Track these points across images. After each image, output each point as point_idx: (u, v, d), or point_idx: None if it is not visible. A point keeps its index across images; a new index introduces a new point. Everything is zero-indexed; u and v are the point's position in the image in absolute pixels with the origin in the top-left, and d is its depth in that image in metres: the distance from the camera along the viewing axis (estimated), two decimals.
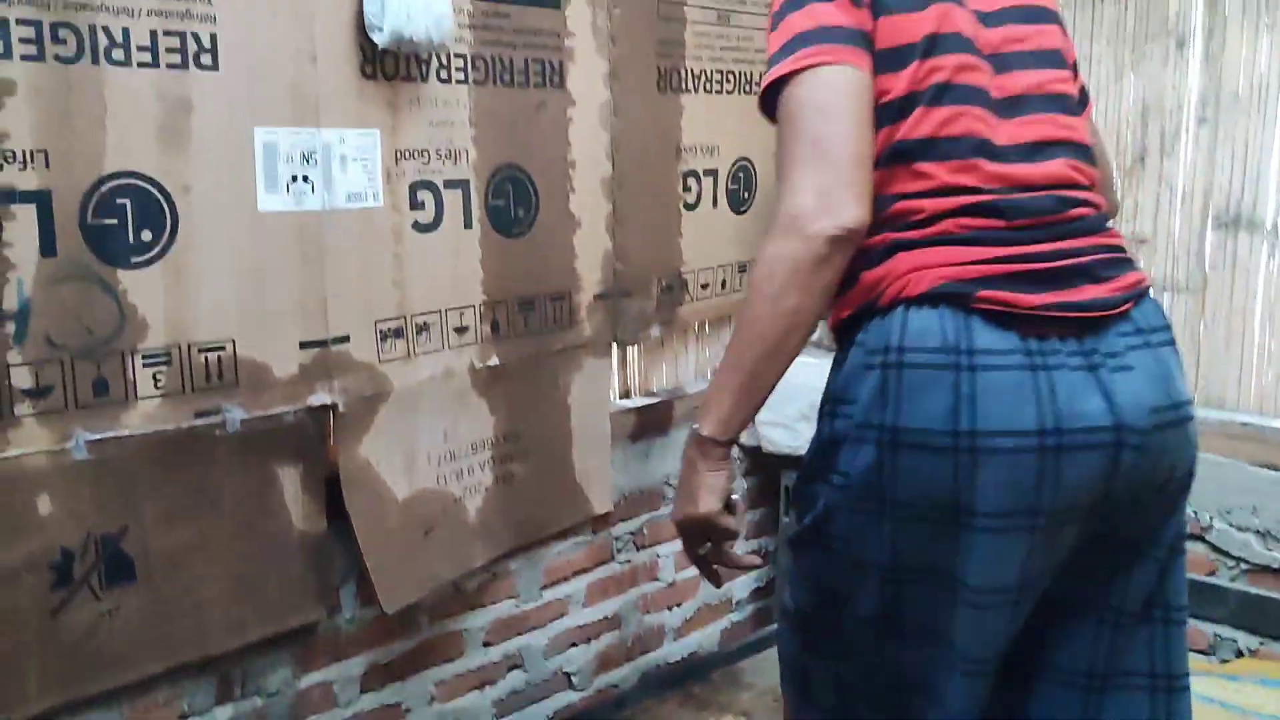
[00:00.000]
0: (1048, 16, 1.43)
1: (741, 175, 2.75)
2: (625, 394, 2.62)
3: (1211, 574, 2.38)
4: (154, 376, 1.64)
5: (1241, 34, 2.37)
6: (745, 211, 2.79)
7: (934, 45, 1.32)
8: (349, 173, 1.84)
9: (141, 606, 1.66)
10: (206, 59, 1.64)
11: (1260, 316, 2.42)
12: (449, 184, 2.02)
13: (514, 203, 2.15)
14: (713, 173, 2.65)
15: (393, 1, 1.77)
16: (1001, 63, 1.36)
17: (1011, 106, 1.34)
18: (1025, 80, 1.37)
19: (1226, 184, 2.42)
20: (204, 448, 1.70)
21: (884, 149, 1.31)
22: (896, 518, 1.26)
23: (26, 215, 1.50)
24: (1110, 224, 1.39)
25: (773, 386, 1.35)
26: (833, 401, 1.34)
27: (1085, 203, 1.35)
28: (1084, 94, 1.51)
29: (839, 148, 1.26)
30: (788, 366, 1.33)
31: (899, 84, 1.31)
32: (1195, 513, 2.41)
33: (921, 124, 1.31)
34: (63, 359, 1.55)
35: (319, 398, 1.82)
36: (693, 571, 2.25)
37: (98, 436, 1.58)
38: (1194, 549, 2.42)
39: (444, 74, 1.99)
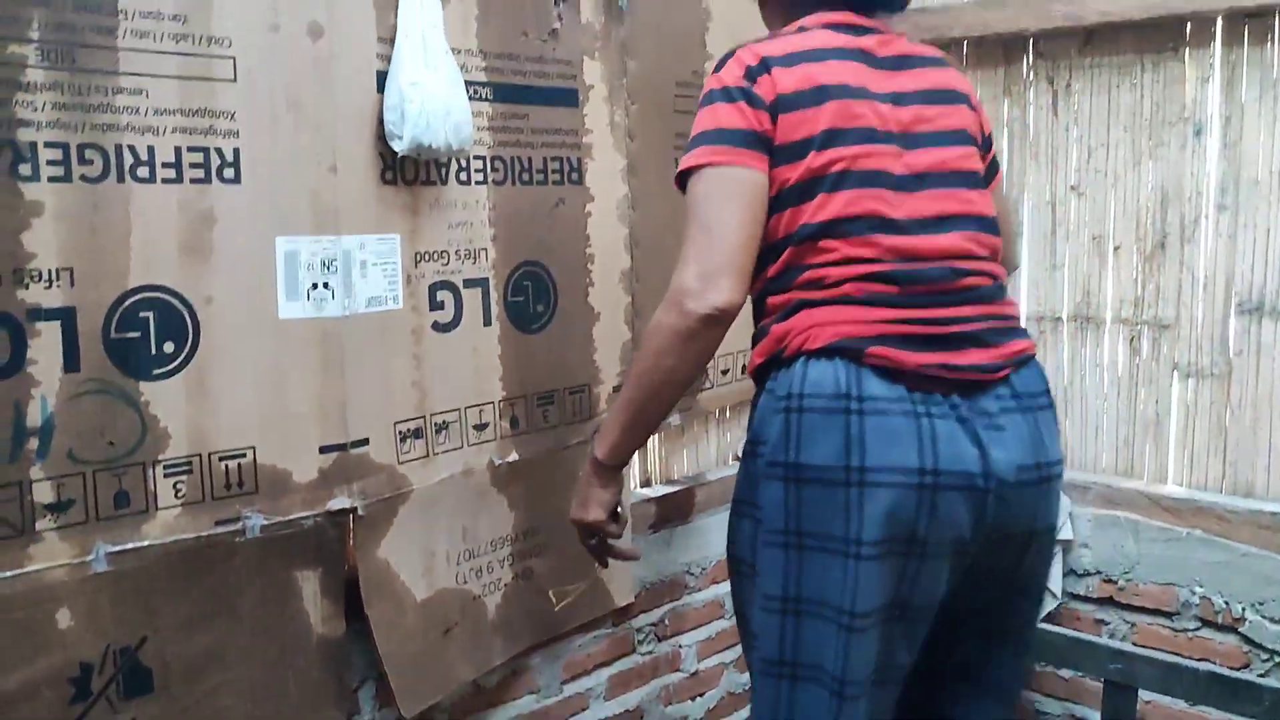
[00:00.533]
0: (957, 98, 1.62)
1: None
2: (645, 482, 2.62)
3: (1244, 667, 2.32)
4: (175, 486, 1.65)
5: (1259, 121, 2.36)
6: None
7: (832, 138, 1.51)
8: (369, 278, 1.85)
9: (159, 717, 1.65)
10: (229, 172, 1.67)
11: None
12: (468, 283, 2.04)
13: (533, 299, 2.16)
14: None
15: (412, 111, 1.80)
16: (910, 141, 1.55)
17: (916, 182, 1.53)
18: (930, 158, 1.55)
19: (1249, 271, 2.40)
20: (223, 554, 1.70)
21: (793, 229, 1.52)
22: (802, 547, 1.43)
23: (51, 333, 1.52)
24: (1005, 293, 1.59)
25: (655, 426, 1.69)
26: (751, 442, 1.55)
27: (980, 273, 1.53)
28: (993, 165, 1.71)
29: (721, 237, 1.48)
30: (668, 411, 1.62)
31: (796, 173, 1.50)
32: (1227, 603, 2.37)
33: (825, 208, 1.50)
34: (84, 473, 1.56)
35: (338, 502, 1.82)
36: (716, 660, 2.70)
37: (118, 548, 1.59)
38: (1226, 641, 2.37)
39: (463, 176, 2.01)
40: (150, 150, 1.59)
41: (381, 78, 1.85)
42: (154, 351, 1.62)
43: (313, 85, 1.75)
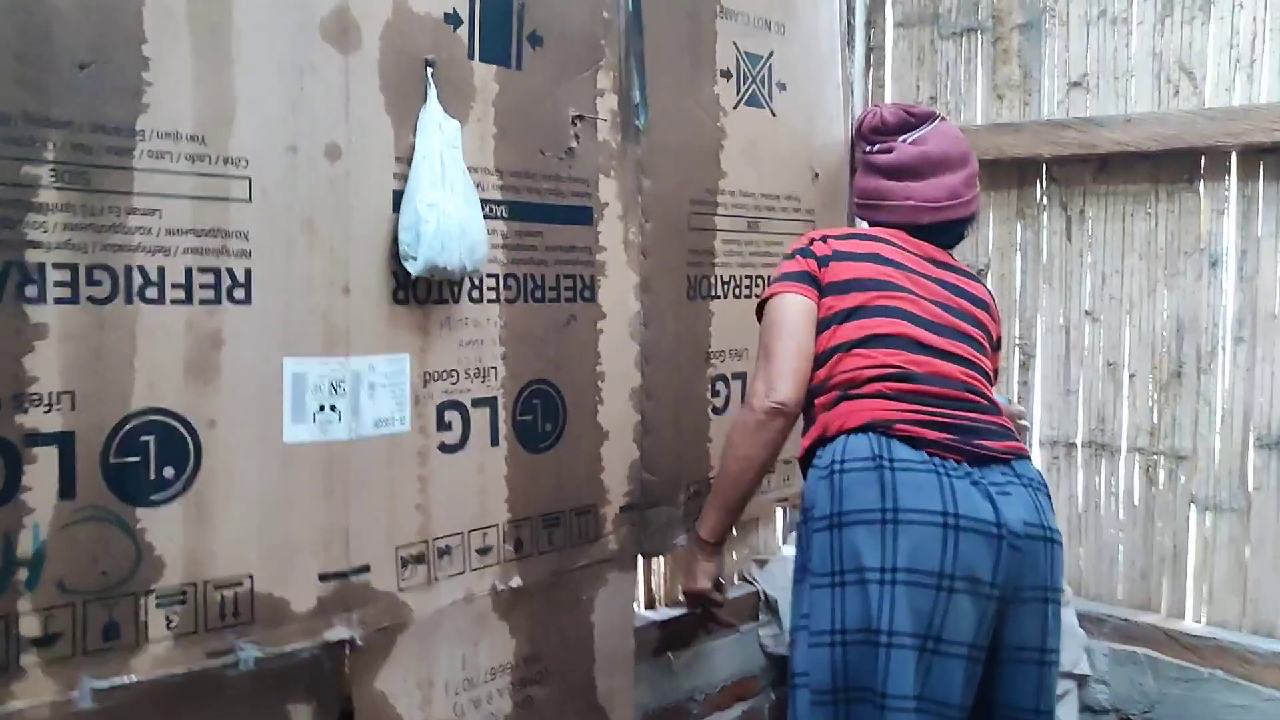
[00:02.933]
0: (981, 302, 2.00)
1: None
2: (649, 604, 2.54)
3: None
4: (167, 617, 1.58)
5: (1275, 255, 2.35)
6: None
7: (870, 283, 1.91)
8: (377, 400, 1.81)
9: None
10: (240, 293, 1.64)
11: None
12: (477, 402, 1.99)
13: (542, 417, 2.11)
14: (741, 375, 2.62)
15: (428, 231, 1.77)
16: (937, 304, 1.92)
17: (938, 326, 1.89)
18: (950, 318, 1.92)
19: (1267, 405, 2.37)
20: (214, 687, 1.63)
21: (839, 341, 1.89)
22: (844, 584, 1.67)
23: (48, 458, 1.47)
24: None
25: (743, 504, 2.06)
26: (803, 511, 1.82)
27: (982, 394, 1.85)
28: (997, 344, 2.06)
29: (781, 355, 1.92)
30: (751, 491, 2.02)
31: (845, 302, 1.91)
32: None
33: (863, 327, 1.88)
34: (74, 603, 1.49)
35: (337, 632, 1.75)
36: None
37: (105, 684, 1.51)
38: None
39: (475, 294, 1.98)
40: (160, 271, 1.56)
41: (397, 197, 1.83)
42: (153, 476, 1.57)
43: (328, 206, 1.73)
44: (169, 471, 1.58)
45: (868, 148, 2.08)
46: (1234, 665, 2.31)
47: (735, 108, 2.54)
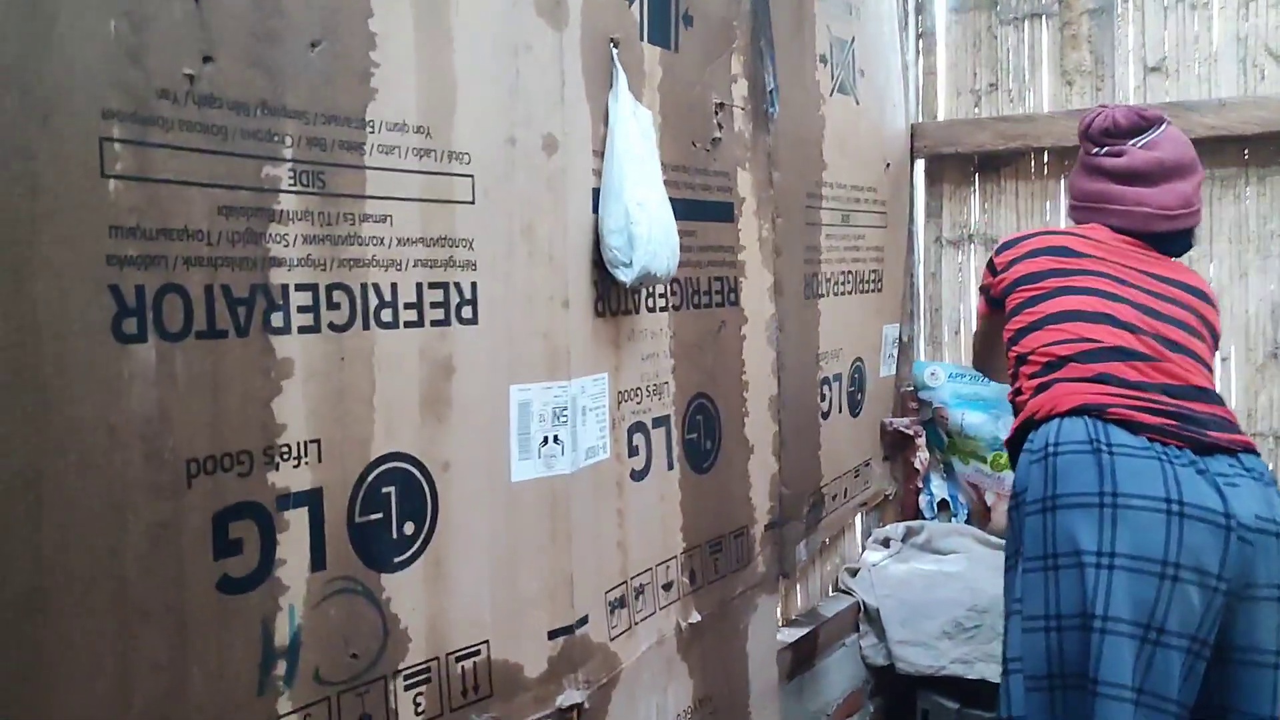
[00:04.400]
0: (1203, 295, 1.88)
1: (857, 376, 2.60)
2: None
3: None
4: (414, 700, 1.33)
5: None
6: (859, 414, 2.64)
7: (1065, 271, 1.88)
8: (588, 426, 1.59)
9: None
10: (467, 311, 1.40)
11: None
12: (656, 422, 1.80)
13: (704, 435, 1.93)
14: (839, 377, 2.50)
15: (640, 234, 1.57)
16: (1143, 290, 1.84)
17: (1150, 312, 1.80)
18: (1161, 304, 1.84)
19: None
20: None
21: (1035, 319, 1.86)
22: (1058, 567, 1.59)
23: (299, 523, 1.20)
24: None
25: None
26: (1015, 496, 1.73)
27: (1203, 383, 1.75)
28: (1217, 336, 1.91)
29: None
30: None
31: (1037, 289, 1.90)
32: None
33: (1061, 304, 1.85)
34: (329, 697, 1.23)
35: (568, 697, 1.53)
36: None
37: None
38: None
39: (650, 302, 1.78)
40: (394, 289, 1.31)
41: (595, 196, 1.61)
42: (395, 535, 1.31)
43: (547, 208, 1.50)
44: (409, 527, 1.33)
45: (1095, 149, 1.95)
46: None
47: (830, 95, 2.40)
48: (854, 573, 2.67)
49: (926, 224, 2.92)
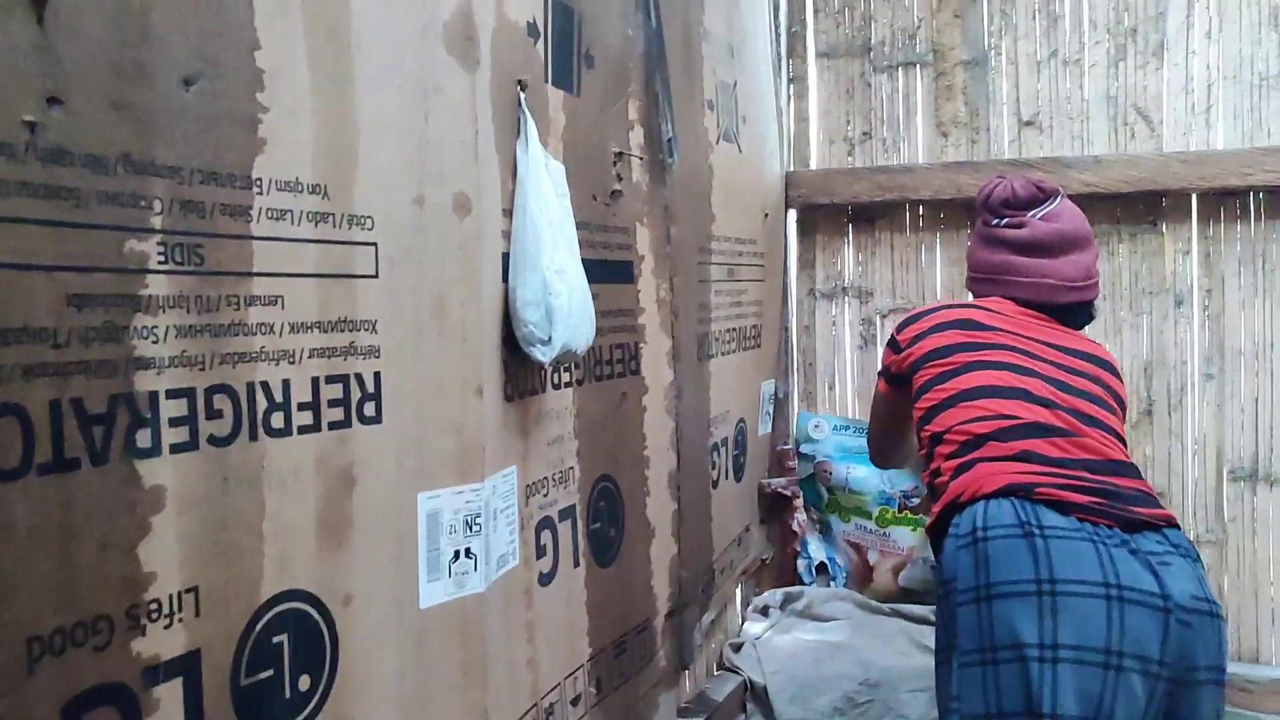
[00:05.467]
0: (1107, 365, 1.82)
1: (740, 438, 2.46)
2: None
3: None
4: None
5: (1240, 294, 2.43)
6: (742, 478, 2.49)
7: (974, 345, 1.78)
8: (499, 531, 1.36)
9: None
10: (370, 408, 1.15)
11: None
12: (562, 515, 1.59)
13: (608, 521, 1.73)
14: (726, 441, 2.34)
15: (559, 306, 1.36)
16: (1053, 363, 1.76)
17: (1061, 386, 1.72)
18: (1072, 377, 1.76)
19: (1238, 439, 2.44)
20: None
21: (946, 396, 1.74)
22: (997, 662, 1.48)
23: (172, 700, 0.93)
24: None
25: None
26: (944, 585, 1.60)
27: (1121, 457, 1.67)
28: (1124, 406, 1.85)
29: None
30: None
31: (946, 365, 1.78)
32: None
33: (973, 379, 1.74)
34: None
35: None
36: None
37: None
38: None
39: (555, 379, 1.57)
40: (285, 387, 1.05)
41: (505, 261, 1.39)
42: (288, 694, 1.05)
43: (459, 278, 1.27)
44: (304, 682, 1.07)
45: (995, 220, 1.89)
46: (1234, 695, 2.34)
47: (717, 143, 2.26)
48: (738, 648, 2.51)
49: (800, 275, 2.82)
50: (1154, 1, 2.46)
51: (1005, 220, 1.87)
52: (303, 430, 1.07)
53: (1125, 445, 1.74)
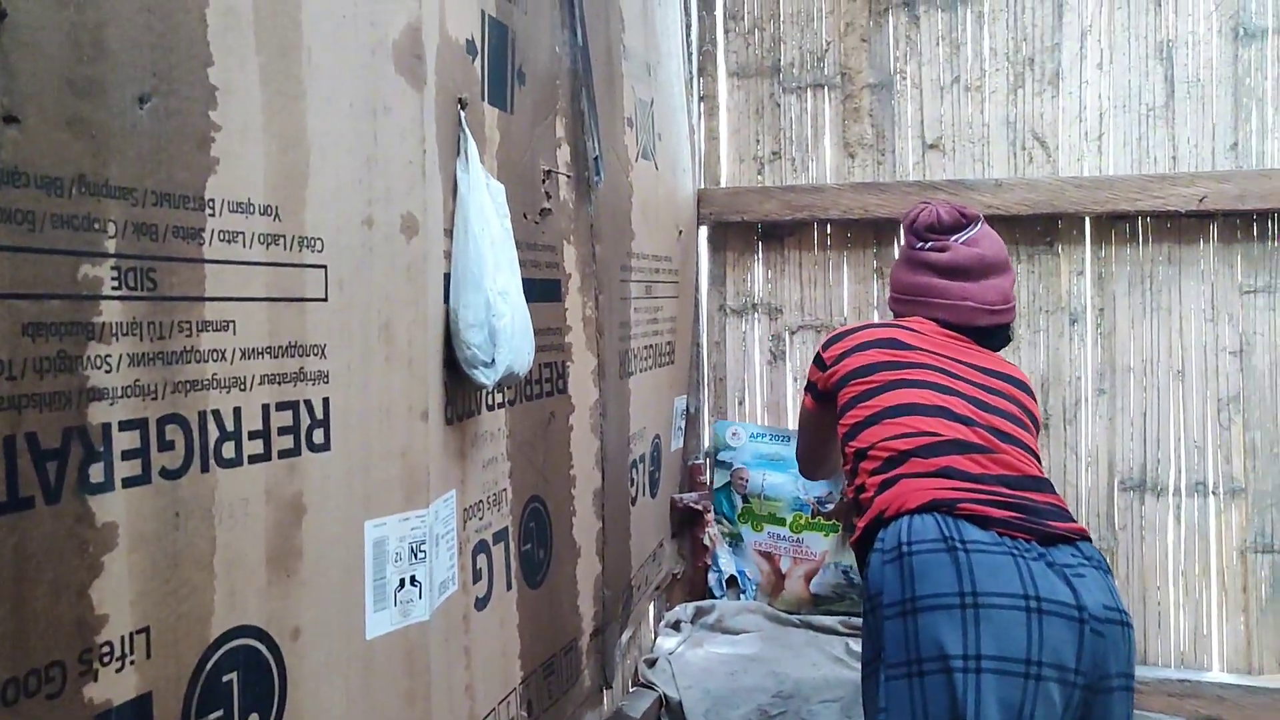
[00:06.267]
0: (1018, 384, 1.90)
1: (655, 454, 2.47)
2: None
3: None
4: None
5: (1129, 313, 2.55)
6: (657, 494, 2.50)
7: (896, 364, 1.84)
8: (440, 557, 1.34)
9: None
10: (319, 435, 1.12)
11: (1172, 574, 2.55)
12: (496, 538, 1.57)
13: (537, 543, 1.72)
14: (644, 458, 2.35)
15: (503, 328, 1.35)
16: (972, 382, 1.83)
17: (980, 405, 1.79)
18: (989, 395, 1.83)
19: (1128, 450, 2.56)
20: None
21: (870, 413, 1.79)
22: (923, 674, 1.52)
23: None
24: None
25: None
26: (870, 599, 1.64)
27: (1037, 473, 1.75)
28: (1038, 424, 1.93)
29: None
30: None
31: (869, 383, 1.85)
32: None
33: (896, 397, 1.80)
34: None
35: None
36: None
37: None
38: None
39: (489, 400, 1.55)
40: (237, 415, 1.02)
41: (446, 282, 1.37)
42: None
43: (407, 300, 1.25)
44: None
45: (920, 244, 1.95)
46: None
47: (636, 160, 2.27)
48: (652, 663, 2.52)
49: (711, 292, 2.85)
50: (1050, 33, 2.57)
51: (929, 244, 1.93)
52: (253, 459, 1.03)
53: (1040, 461, 1.81)
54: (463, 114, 1.41)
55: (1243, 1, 2.46)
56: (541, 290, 1.74)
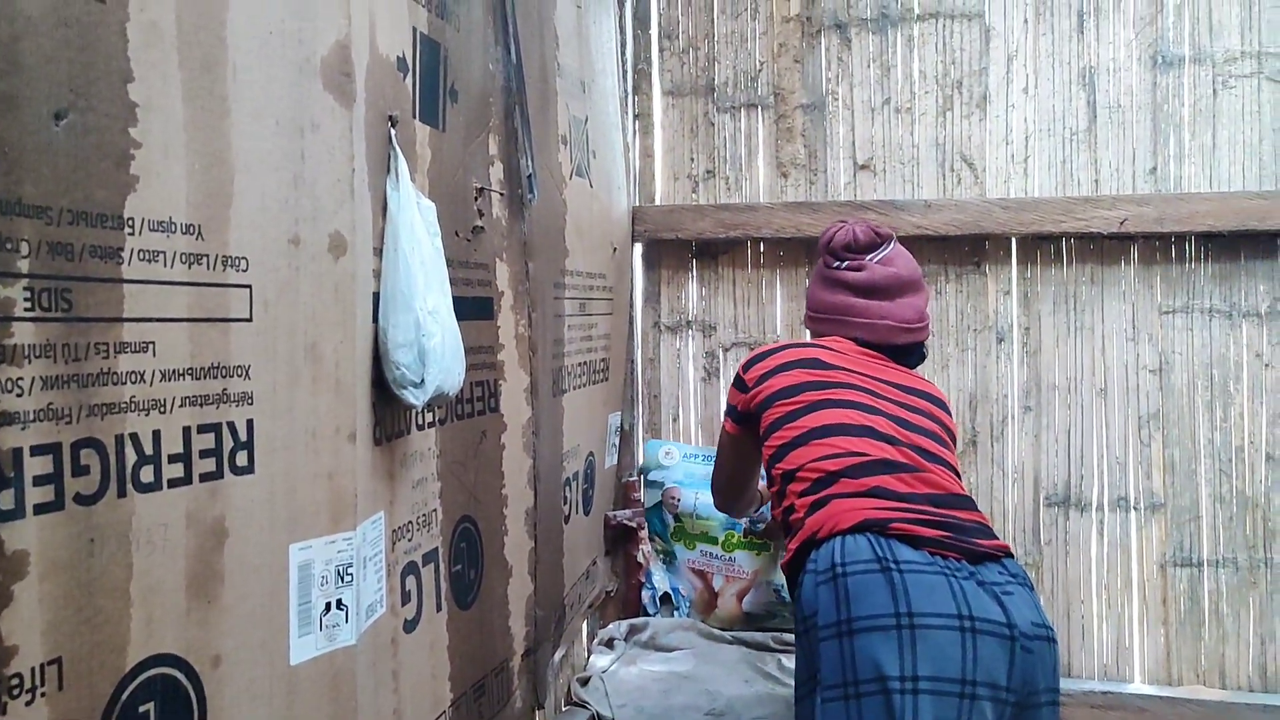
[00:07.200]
0: (936, 401, 1.94)
1: (589, 472, 2.47)
2: None
3: None
4: None
5: (1054, 332, 2.60)
6: (591, 512, 2.50)
7: (819, 384, 1.87)
8: (368, 579, 1.32)
9: None
10: (242, 458, 1.10)
11: (1095, 588, 2.60)
12: (425, 559, 1.55)
13: (467, 564, 1.70)
14: (577, 475, 2.34)
15: (433, 347, 1.34)
16: (893, 401, 1.86)
17: (901, 423, 1.81)
18: (909, 414, 1.86)
19: (1053, 467, 2.61)
20: None
21: (796, 434, 1.82)
22: (860, 695, 1.53)
23: None
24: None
25: None
26: (803, 620, 1.64)
27: (960, 490, 1.78)
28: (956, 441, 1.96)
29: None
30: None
31: (793, 404, 1.88)
32: None
33: (820, 418, 1.83)
34: None
35: None
36: None
37: None
38: None
39: (420, 420, 1.54)
40: (156, 438, 0.99)
41: (375, 301, 1.35)
42: None
43: (334, 320, 1.23)
44: None
45: (836, 263, 1.98)
46: None
47: (570, 178, 2.27)
48: (585, 681, 2.50)
49: (645, 309, 2.85)
50: (977, 57, 2.62)
51: (845, 263, 1.96)
52: (173, 484, 1.01)
53: (961, 479, 1.84)
54: (393, 131, 1.40)
55: (1161, 31, 2.53)
56: (473, 308, 1.73)
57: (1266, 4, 2.48)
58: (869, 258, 1.96)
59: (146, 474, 0.98)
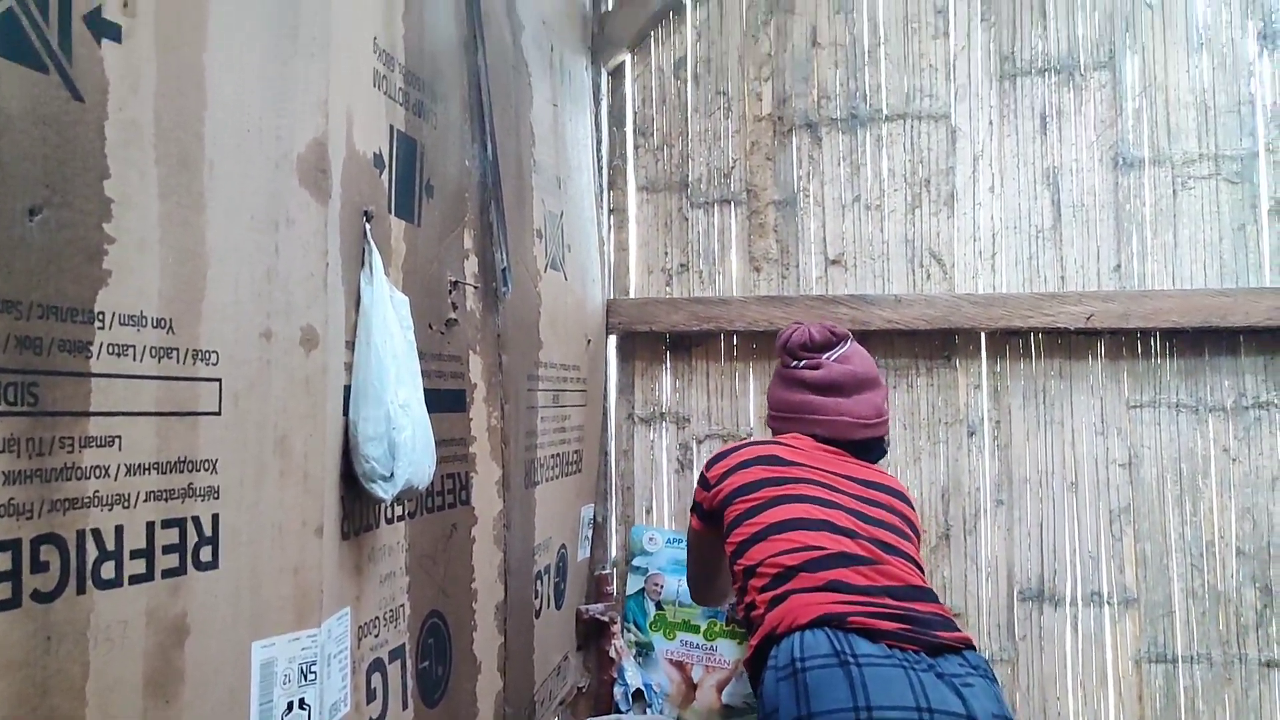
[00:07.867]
0: (900, 495, 1.95)
1: (562, 565, 2.44)
2: None
3: None
4: None
5: (1024, 425, 2.62)
6: (563, 606, 2.47)
7: (779, 480, 1.88)
8: (332, 677, 1.30)
9: None
10: (206, 553, 1.09)
11: (1071, 684, 2.58)
12: (392, 655, 1.52)
13: (435, 660, 1.67)
14: (549, 569, 2.32)
15: (403, 441, 1.34)
16: (852, 495, 1.87)
17: (861, 517, 1.83)
18: (869, 508, 1.87)
19: (1026, 561, 2.60)
20: None
21: (755, 530, 1.83)
22: None
23: None
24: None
25: None
26: (766, 717, 1.63)
27: (920, 583, 1.78)
28: (919, 534, 1.97)
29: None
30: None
31: (753, 500, 1.89)
32: None
33: (780, 513, 1.84)
34: None
35: None
36: None
37: None
38: None
39: (389, 513, 1.53)
40: (119, 533, 0.98)
41: (347, 394, 1.35)
42: None
43: (304, 414, 1.23)
44: None
45: (794, 363, 2.03)
46: None
47: (545, 271, 2.29)
48: None
49: (619, 400, 2.86)
50: (944, 157, 2.69)
51: (803, 362, 2.01)
52: (134, 580, 1.00)
53: (922, 571, 1.84)
54: (368, 226, 1.42)
55: (1121, 133, 2.60)
56: (446, 400, 1.73)
57: (1221, 109, 2.56)
58: (826, 356, 2.00)
59: (107, 570, 0.97)
